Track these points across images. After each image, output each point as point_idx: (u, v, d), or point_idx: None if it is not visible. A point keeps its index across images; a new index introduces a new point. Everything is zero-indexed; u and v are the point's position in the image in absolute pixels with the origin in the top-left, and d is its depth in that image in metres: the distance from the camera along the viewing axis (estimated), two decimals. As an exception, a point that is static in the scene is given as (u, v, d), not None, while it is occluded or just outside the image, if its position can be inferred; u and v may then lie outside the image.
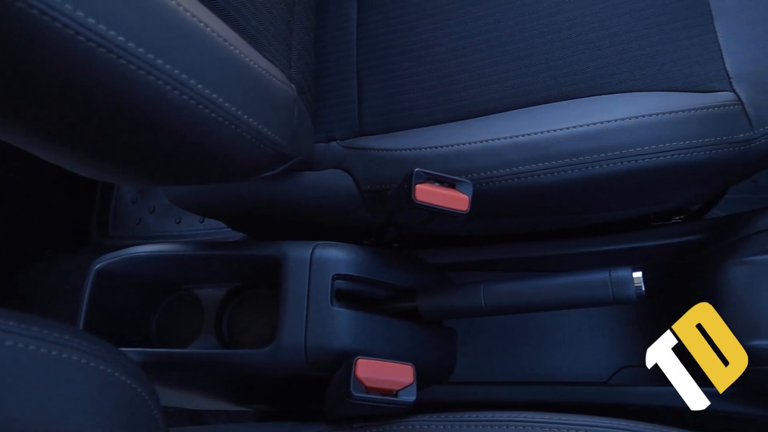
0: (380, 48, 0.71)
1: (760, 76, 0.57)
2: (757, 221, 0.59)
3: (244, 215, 0.71)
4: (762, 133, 0.55)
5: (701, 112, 0.56)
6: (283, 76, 0.55)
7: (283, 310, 0.57)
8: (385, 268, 0.62)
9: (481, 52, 0.66)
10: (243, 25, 0.50)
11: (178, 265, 0.65)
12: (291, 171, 0.65)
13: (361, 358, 0.51)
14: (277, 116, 0.48)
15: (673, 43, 0.60)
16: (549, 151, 0.57)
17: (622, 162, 0.55)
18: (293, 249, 0.59)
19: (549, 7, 0.65)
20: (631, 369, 0.69)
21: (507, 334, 0.74)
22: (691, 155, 0.55)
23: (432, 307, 0.60)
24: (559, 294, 0.55)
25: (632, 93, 0.59)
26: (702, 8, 0.60)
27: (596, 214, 0.65)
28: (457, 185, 0.55)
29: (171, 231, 1.01)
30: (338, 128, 0.69)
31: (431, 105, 0.66)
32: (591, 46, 0.62)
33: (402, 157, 0.63)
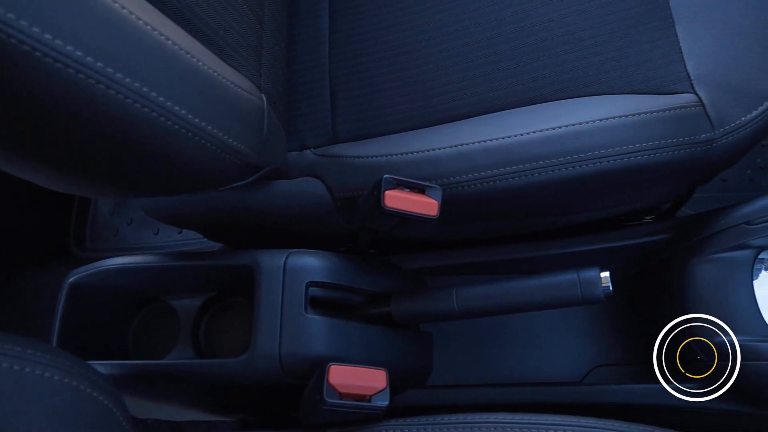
0: (352, 56, 0.72)
1: (719, 77, 0.58)
2: (722, 219, 0.60)
3: (218, 225, 0.71)
4: (722, 133, 0.56)
5: (664, 114, 0.57)
6: (252, 86, 0.55)
7: (257, 318, 0.57)
8: (360, 274, 0.63)
9: (451, 59, 0.67)
10: (210, 36, 0.51)
11: (152, 277, 0.65)
12: (264, 180, 0.65)
13: (334, 365, 0.51)
14: (244, 126, 0.48)
15: (636, 46, 0.61)
16: (516, 155, 0.58)
17: (588, 164, 0.56)
18: (267, 257, 0.60)
19: (516, 14, 0.66)
20: (605, 368, 0.70)
21: (483, 337, 0.74)
22: (654, 156, 0.56)
23: (406, 311, 0.61)
24: (529, 296, 0.56)
25: (597, 96, 0.60)
26: (663, 12, 0.62)
27: (566, 217, 0.66)
28: (427, 191, 0.55)
29: (149, 242, 1.01)
30: (312, 136, 0.69)
31: (403, 112, 0.67)
32: (557, 51, 0.63)
33: (373, 163, 0.63)
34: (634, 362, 0.69)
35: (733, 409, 0.58)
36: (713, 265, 0.59)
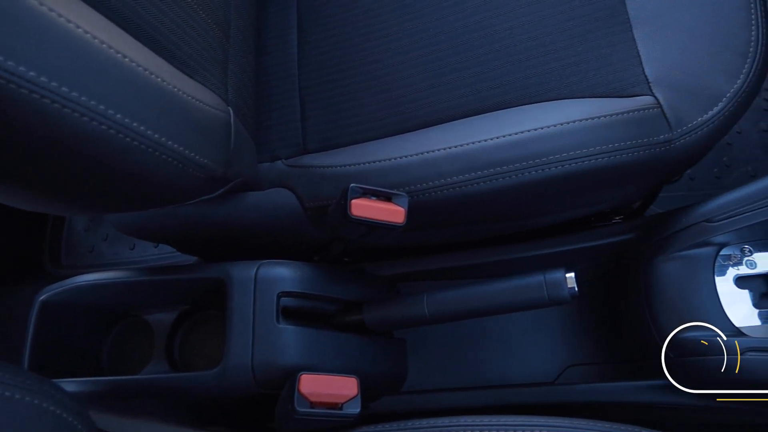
0: (321, 66, 0.72)
1: (676, 79, 0.59)
2: (683, 218, 0.61)
3: (191, 239, 0.72)
4: (680, 133, 0.58)
5: (623, 116, 0.58)
6: (218, 100, 0.55)
7: (229, 330, 0.57)
8: (331, 282, 0.63)
9: (417, 67, 0.68)
10: (173, 51, 0.51)
11: (124, 292, 0.64)
12: (234, 192, 0.65)
13: (304, 374, 0.52)
14: (206, 140, 0.48)
15: (595, 51, 0.63)
16: (481, 160, 0.58)
17: (551, 167, 0.57)
18: (237, 269, 0.60)
19: (480, 22, 0.67)
20: (578, 367, 0.71)
21: (458, 341, 0.75)
22: (615, 158, 0.57)
23: (378, 318, 0.61)
24: (497, 299, 0.56)
25: (559, 101, 0.61)
26: (621, 17, 0.63)
27: (534, 219, 0.67)
28: (393, 198, 0.56)
29: (125, 258, 1.01)
30: (283, 147, 0.70)
31: (371, 120, 0.67)
32: (520, 57, 0.64)
33: (342, 173, 0.64)
34: (605, 361, 0.70)
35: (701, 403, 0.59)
36: (676, 262, 0.60)
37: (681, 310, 0.59)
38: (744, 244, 0.61)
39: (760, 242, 0.61)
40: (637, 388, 0.62)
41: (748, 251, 0.61)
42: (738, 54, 0.59)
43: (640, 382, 0.62)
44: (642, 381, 0.62)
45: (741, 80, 0.58)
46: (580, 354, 0.71)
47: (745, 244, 0.61)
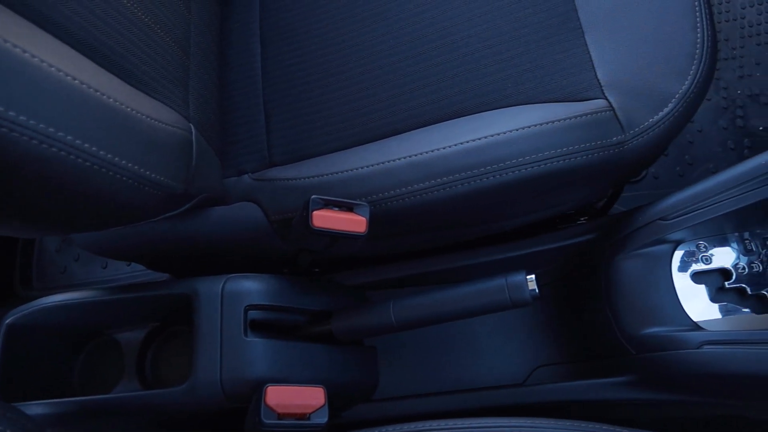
0: (285, 80, 0.73)
1: (627, 82, 0.61)
2: (639, 216, 0.62)
3: (158, 256, 0.72)
4: (633, 135, 0.59)
5: (577, 120, 0.59)
6: (178, 117, 0.56)
7: (197, 346, 0.58)
8: (299, 294, 0.63)
9: (378, 78, 0.69)
10: (130, 71, 0.51)
11: (91, 312, 0.64)
12: (200, 208, 0.66)
13: (270, 386, 0.52)
14: (163, 158, 0.49)
15: (550, 57, 0.64)
16: (440, 168, 0.59)
17: (508, 172, 0.58)
18: (204, 285, 0.60)
19: (438, 31, 0.68)
20: (547, 367, 0.72)
21: (429, 346, 0.76)
22: (570, 161, 0.58)
23: (346, 328, 0.62)
24: (461, 303, 0.57)
25: (516, 107, 0.63)
26: (573, 23, 0.65)
27: (497, 224, 0.68)
28: (355, 208, 0.57)
29: (98, 277, 1.00)
30: (249, 161, 0.70)
31: (334, 132, 0.68)
32: (477, 65, 0.66)
33: (306, 184, 0.64)
34: (573, 360, 0.71)
35: (663, 398, 0.60)
36: (635, 260, 0.62)
37: (640, 307, 0.60)
38: (699, 240, 0.62)
39: (714, 238, 0.62)
40: (604, 386, 0.63)
41: (703, 247, 0.62)
42: (685, 55, 0.61)
43: (606, 380, 0.63)
44: (608, 378, 0.63)
45: (689, 81, 0.60)
46: (549, 354, 0.72)
47: (701, 240, 0.62)
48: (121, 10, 0.52)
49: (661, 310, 0.59)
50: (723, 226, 0.61)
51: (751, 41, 1.06)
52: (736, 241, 0.62)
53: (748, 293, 0.60)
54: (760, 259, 0.61)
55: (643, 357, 0.59)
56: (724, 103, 1.03)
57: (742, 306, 0.60)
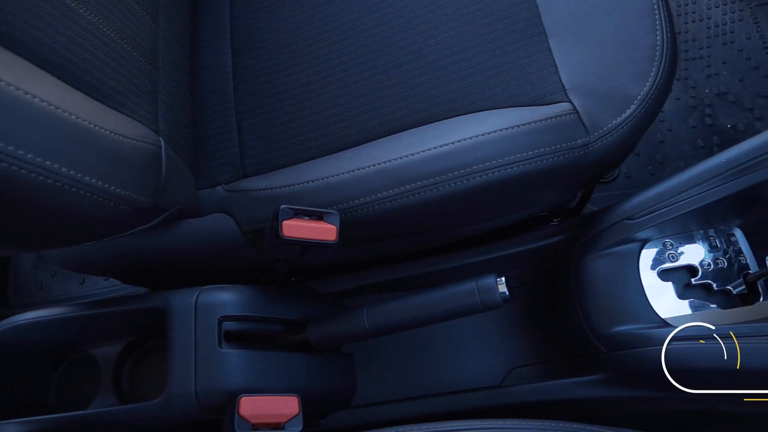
0: (256, 91, 0.73)
1: (590, 85, 0.62)
2: (606, 217, 0.64)
3: (132, 270, 0.71)
4: (597, 137, 0.60)
5: (542, 124, 0.60)
6: (145, 131, 0.56)
7: (171, 359, 0.58)
8: (274, 303, 0.64)
9: (348, 86, 0.69)
10: (95, 85, 0.52)
11: (65, 328, 0.64)
12: (172, 220, 0.66)
13: (244, 396, 0.52)
14: (128, 173, 0.49)
15: (515, 62, 0.65)
16: (409, 174, 0.60)
17: (476, 177, 0.59)
18: (177, 298, 0.60)
19: (405, 39, 0.69)
20: (523, 368, 0.72)
21: (406, 351, 0.76)
22: (536, 164, 0.59)
23: (321, 336, 0.62)
24: (434, 308, 0.58)
25: (483, 112, 0.63)
26: (537, 29, 0.66)
27: (469, 227, 0.69)
28: (325, 217, 0.57)
29: (75, 292, 1.00)
30: (222, 172, 0.70)
31: (305, 141, 0.68)
32: (444, 72, 0.66)
33: (277, 194, 0.65)
34: (549, 360, 0.72)
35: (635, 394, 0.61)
36: (604, 260, 0.63)
37: (610, 305, 0.61)
38: (665, 238, 0.63)
39: (680, 235, 0.64)
40: (578, 385, 0.64)
41: (670, 245, 0.63)
42: (646, 58, 0.62)
43: (580, 379, 0.64)
44: (581, 377, 0.64)
45: (650, 83, 0.61)
46: (525, 355, 0.73)
47: (667, 238, 0.63)
48: (85, 26, 0.52)
49: (630, 308, 0.60)
50: (688, 223, 0.63)
51: (718, 41, 1.08)
52: (701, 238, 0.63)
53: (714, 289, 0.61)
54: (724, 255, 0.62)
55: (614, 355, 0.60)
56: (692, 102, 1.05)
57: (709, 302, 0.61)
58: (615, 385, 0.61)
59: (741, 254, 0.62)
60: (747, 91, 1.04)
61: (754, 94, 1.04)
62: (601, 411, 0.68)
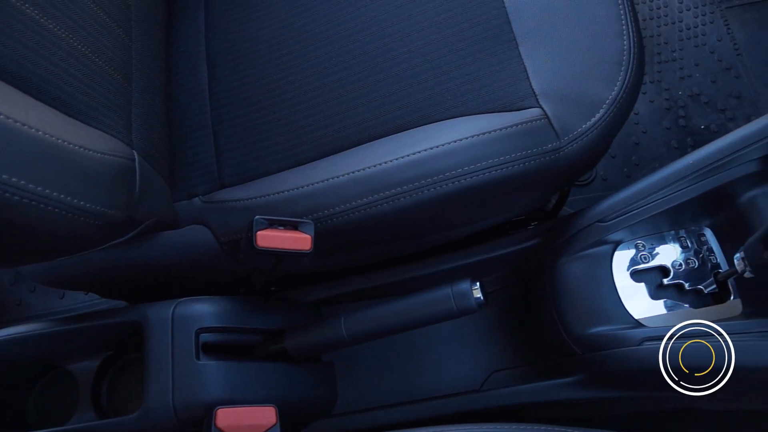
0: (232, 101, 0.74)
1: (560, 90, 0.63)
2: (579, 220, 0.64)
3: (110, 284, 0.71)
4: (567, 141, 0.61)
5: (514, 129, 0.61)
6: (118, 145, 0.56)
7: (148, 372, 0.58)
8: (252, 314, 0.64)
9: (323, 96, 0.70)
10: (66, 100, 0.52)
11: (41, 344, 0.64)
12: (149, 233, 0.66)
13: (220, 408, 0.52)
14: (98, 188, 0.49)
15: (486, 69, 0.66)
16: (383, 182, 0.60)
17: (449, 183, 0.60)
18: (153, 311, 0.60)
19: (378, 48, 0.70)
20: (502, 372, 0.73)
21: (386, 358, 0.77)
22: (508, 169, 0.60)
23: (299, 345, 0.62)
24: (410, 315, 0.58)
25: (456, 119, 0.64)
26: (507, 35, 0.67)
27: (444, 233, 0.69)
28: (300, 226, 0.58)
29: (55, 307, 0.99)
30: (199, 184, 0.70)
31: (282, 151, 0.69)
32: (417, 80, 0.67)
33: (253, 205, 0.65)
34: (527, 363, 0.73)
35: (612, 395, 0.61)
36: (577, 262, 0.63)
37: (584, 307, 0.62)
38: (638, 239, 0.64)
39: (652, 236, 0.64)
40: (555, 387, 0.64)
41: (642, 246, 0.64)
42: (613, 63, 0.63)
43: (557, 381, 0.64)
44: (559, 379, 0.64)
45: (618, 87, 0.62)
46: (504, 358, 0.74)
47: (639, 240, 0.64)
48: (54, 41, 0.52)
49: (604, 309, 0.61)
50: (659, 224, 0.63)
51: (690, 43, 1.10)
52: (672, 239, 0.64)
53: (686, 288, 0.62)
54: (696, 255, 0.63)
55: (589, 356, 0.60)
56: (666, 104, 1.06)
57: (681, 301, 0.62)
58: (592, 386, 0.62)
59: (712, 254, 0.63)
60: (719, 92, 1.06)
61: (726, 95, 1.05)
62: (580, 412, 0.69)
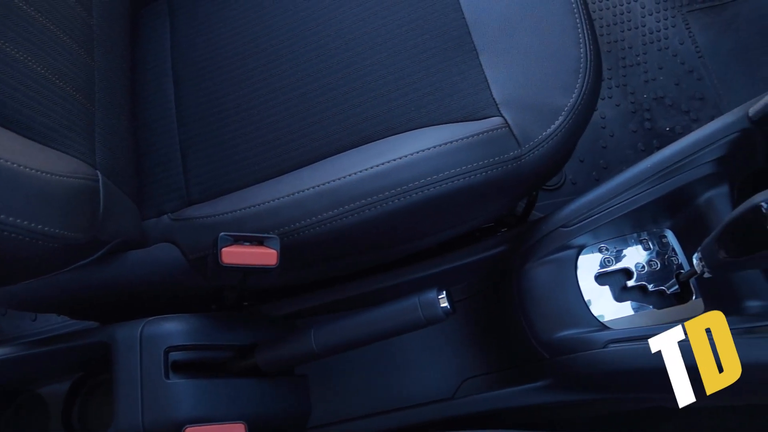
0: (199, 118, 0.74)
1: (520, 99, 0.64)
2: (543, 226, 0.65)
3: (79, 305, 0.71)
4: (528, 148, 0.62)
5: (475, 138, 0.62)
6: (79, 166, 0.56)
7: (117, 393, 0.57)
8: (222, 330, 0.64)
9: (288, 110, 0.70)
10: (25, 123, 0.51)
11: (9, 369, 0.63)
12: (116, 252, 0.65)
13: (190, 427, 0.52)
14: (58, 210, 0.48)
15: (448, 79, 0.67)
16: (347, 195, 0.61)
17: (412, 194, 0.60)
18: (121, 331, 0.60)
19: (342, 61, 0.70)
20: (475, 379, 0.74)
21: (359, 369, 0.77)
22: (471, 178, 0.61)
23: (270, 359, 0.62)
24: (379, 325, 0.59)
25: (419, 130, 0.65)
26: (468, 46, 0.68)
27: (412, 243, 0.70)
28: (265, 241, 0.58)
29: (27, 330, 0.97)
30: (168, 201, 0.70)
31: (248, 166, 0.69)
32: (381, 92, 0.68)
33: (220, 221, 0.65)
34: (498, 369, 0.73)
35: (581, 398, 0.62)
36: (543, 267, 0.64)
37: (550, 312, 0.62)
38: (601, 243, 0.65)
39: (614, 240, 0.66)
40: (526, 392, 0.65)
41: (605, 249, 0.65)
42: (571, 71, 0.64)
43: (528, 386, 0.65)
44: (529, 384, 0.65)
45: (576, 94, 0.63)
46: (476, 365, 0.74)
47: (602, 243, 0.65)
48: (12, 64, 0.52)
49: (570, 313, 0.62)
50: (622, 227, 0.65)
51: (653, 47, 1.12)
52: (635, 241, 0.65)
53: (650, 290, 0.63)
54: (658, 257, 0.65)
55: (557, 360, 0.61)
56: (632, 107, 1.08)
57: (645, 303, 0.63)
58: (561, 389, 0.62)
59: (674, 254, 0.64)
60: (683, 94, 1.08)
61: (689, 97, 1.07)
62: (552, 416, 0.70)
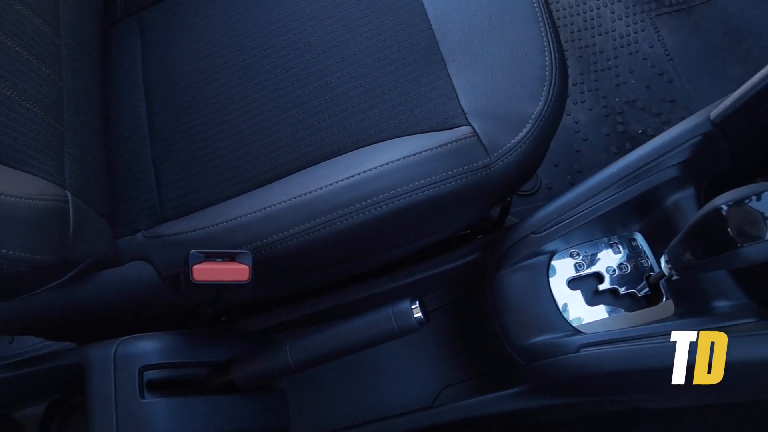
0: (171, 134, 0.74)
1: (487, 108, 0.64)
2: (514, 233, 0.66)
3: (52, 326, 0.70)
4: (497, 157, 0.63)
5: (445, 148, 0.62)
6: (46, 187, 0.56)
7: (91, 415, 0.57)
8: (197, 347, 0.63)
9: (259, 125, 0.70)
10: (-9, 147, 0.51)
11: (-20, 394, 0.62)
12: (89, 272, 0.65)
13: (163, 446, 0.52)
14: (22, 233, 0.48)
15: (417, 90, 0.67)
16: (318, 208, 0.61)
17: (382, 206, 0.60)
18: (95, 351, 0.60)
19: (313, 74, 0.71)
20: (453, 387, 0.74)
21: (338, 380, 0.77)
22: (441, 188, 0.61)
23: (246, 375, 0.62)
24: (354, 337, 0.59)
25: (390, 140, 0.65)
26: (436, 57, 0.68)
27: (387, 253, 0.70)
28: (237, 257, 0.58)
29: (4, 352, 0.97)
30: (142, 218, 0.70)
31: (221, 182, 0.69)
32: (351, 104, 0.68)
33: (193, 237, 0.65)
34: (477, 376, 0.74)
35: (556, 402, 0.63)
36: (516, 274, 0.65)
37: (524, 318, 0.63)
38: (572, 248, 0.66)
39: (585, 244, 0.66)
40: (503, 398, 0.65)
41: (576, 254, 0.66)
42: (537, 79, 0.65)
43: (504, 392, 0.65)
44: (506, 390, 0.65)
45: (542, 102, 0.64)
46: (454, 373, 0.75)
47: (573, 248, 0.66)
48: (-24, 88, 0.52)
49: (543, 319, 0.62)
50: (592, 232, 0.65)
51: (624, 51, 1.13)
52: (605, 245, 0.66)
53: (621, 293, 0.64)
54: (628, 260, 0.65)
55: (531, 366, 0.62)
56: (604, 111, 1.10)
57: (617, 306, 0.64)
58: (538, 394, 0.63)
59: (644, 257, 0.65)
60: (654, 97, 1.09)
61: (660, 100, 1.09)
62: (531, 420, 0.70)
